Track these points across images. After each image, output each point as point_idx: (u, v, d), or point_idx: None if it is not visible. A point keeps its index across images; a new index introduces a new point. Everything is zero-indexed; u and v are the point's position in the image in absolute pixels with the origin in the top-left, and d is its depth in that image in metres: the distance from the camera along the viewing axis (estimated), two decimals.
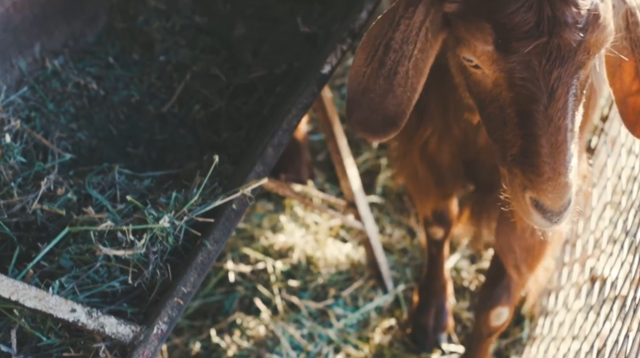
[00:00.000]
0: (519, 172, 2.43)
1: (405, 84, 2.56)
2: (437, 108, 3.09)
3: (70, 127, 3.23)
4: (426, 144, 3.23)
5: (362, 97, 2.56)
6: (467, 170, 3.30)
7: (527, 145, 2.41)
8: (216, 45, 3.55)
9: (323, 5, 3.56)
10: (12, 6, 3.17)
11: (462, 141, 3.15)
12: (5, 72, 3.17)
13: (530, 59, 2.36)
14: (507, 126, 2.45)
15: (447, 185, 3.39)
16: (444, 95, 3.01)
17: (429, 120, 3.15)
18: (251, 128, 3.29)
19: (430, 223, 3.81)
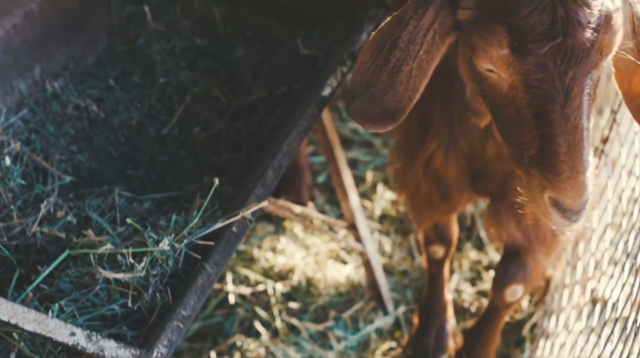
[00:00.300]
0: (537, 173, 2.45)
1: (408, 83, 2.58)
2: (442, 121, 3.12)
3: (71, 149, 3.23)
4: (431, 159, 3.25)
5: (363, 89, 2.60)
6: (474, 182, 3.31)
7: (545, 146, 2.43)
8: (216, 67, 3.55)
9: (323, 27, 3.57)
10: (12, 28, 3.17)
11: (469, 153, 3.17)
12: (6, 94, 3.17)
13: (546, 60, 2.39)
14: (523, 128, 2.48)
15: (454, 199, 3.40)
16: (449, 108, 3.04)
17: (434, 134, 3.18)
18: (251, 150, 3.29)
19: (431, 242, 3.81)
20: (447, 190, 3.36)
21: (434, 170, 3.28)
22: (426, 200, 3.44)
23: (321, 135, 3.71)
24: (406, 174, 3.43)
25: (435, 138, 3.19)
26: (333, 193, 4.53)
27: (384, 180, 4.66)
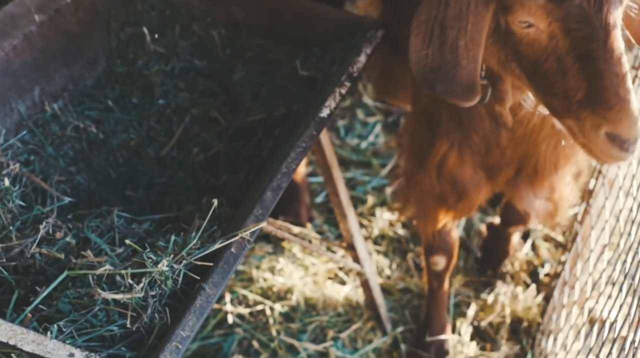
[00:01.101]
0: (589, 114, 2.53)
1: (468, 56, 2.67)
2: (451, 121, 3.23)
3: (70, 170, 3.24)
4: (444, 160, 3.34)
5: (434, 74, 2.69)
6: (491, 176, 3.44)
7: (593, 84, 2.51)
8: (215, 88, 3.57)
9: (322, 48, 3.58)
10: (11, 50, 3.19)
11: (484, 147, 3.27)
12: (5, 115, 3.18)
13: (581, 2, 2.48)
14: (567, 76, 2.56)
15: (471, 198, 3.47)
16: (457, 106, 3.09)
17: (444, 135, 3.28)
18: (250, 171, 3.30)
19: (433, 252, 3.85)
20: (463, 190, 3.43)
21: (448, 171, 3.36)
22: (440, 202, 3.51)
23: (319, 155, 3.71)
24: (416, 178, 3.50)
25: (446, 138, 3.28)
26: (331, 214, 4.54)
27: (382, 200, 4.67)
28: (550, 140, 3.26)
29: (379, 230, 4.52)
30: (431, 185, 3.45)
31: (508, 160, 3.34)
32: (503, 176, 3.43)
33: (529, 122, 3.13)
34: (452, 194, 3.44)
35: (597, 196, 3.66)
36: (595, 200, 3.67)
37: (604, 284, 3.38)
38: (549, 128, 3.18)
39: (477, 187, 3.43)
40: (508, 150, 3.27)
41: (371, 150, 4.95)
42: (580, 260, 3.74)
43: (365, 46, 3.38)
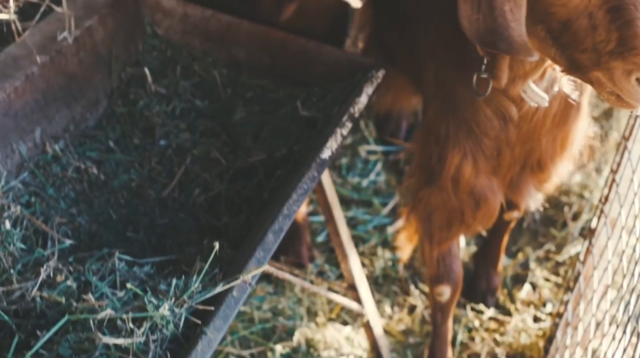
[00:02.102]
0: (620, 62, 2.66)
1: (514, 19, 2.76)
2: (460, 130, 3.35)
3: (71, 212, 3.23)
4: (459, 172, 3.43)
5: (491, 36, 2.78)
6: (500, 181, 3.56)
7: (624, 33, 2.65)
8: (216, 129, 3.57)
9: (322, 89, 3.59)
10: (13, 92, 3.19)
11: (496, 149, 3.40)
12: (6, 157, 3.18)
13: None
14: (598, 29, 2.69)
15: (490, 206, 3.59)
16: (461, 115, 3.32)
17: (455, 146, 3.39)
18: (251, 212, 3.29)
19: (438, 280, 3.84)
20: (482, 198, 3.54)
21: (465, 182, 3.46)
22: (454, 218, 3.60)
23: (320, 195, 3.71)
24: (424, 196, 3.58)
25: (457, 149, 3.39)
26: (333, 253, 4.53)
27: (384, 239, 4.66)
28: (549, 135, 3.43)
29: (381, 270, 4.51)
30: (445, 201, 3.54)
31: (516, 158, 3.48)
32: (510, 173, 3.56)
33: (533, 117, 3.29)
34: (470, 205, 3.54)
35: (600, 235, 3.64)
36: (598, 240, 3.66)
37: (607, 325, 3.37)
38: (550, 122, 3.36)
39: (494, 194, 3.55)
40: (517, 148, 3.41)
41: (372, 188, 4.94)
42: (583, 301, 3.72)
43: (366, 86, 3.39)
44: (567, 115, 3.43)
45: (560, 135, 3.49)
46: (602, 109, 5.23)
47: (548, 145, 3.48)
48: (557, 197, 4.89)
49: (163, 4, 3.74)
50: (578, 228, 4.73)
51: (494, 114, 3.30)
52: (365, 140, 5.17)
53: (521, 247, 4.72)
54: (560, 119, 3.41)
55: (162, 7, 3.74)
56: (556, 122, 3.41)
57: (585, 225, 4.74)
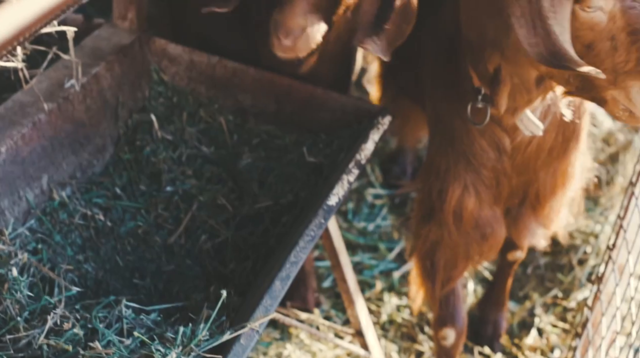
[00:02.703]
0: (637, 81, 2.77)
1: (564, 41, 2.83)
2: (459, 163, 3.43)
3: (77, 258, 3.23)
4: (461, 205, 3.49)
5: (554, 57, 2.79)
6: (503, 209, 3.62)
7: None
8: (223, 175, 3.57)
9: (329, 135, 3.59)
10: (20, 139, 3.20)
11: (494, 179, 3.46)
12: (13, 204, 3.18)
13: None
14: (618, 51, 2.79)
15: (497, 236, 3.65)
16: (459, 148, 3.40)
17: (456, 179, 3.46)
18: (258, 259, 3.29)
19: (442, 324, 3.86)
20: (487, 229, 3.58)
21: (469, 215, 3.51)
22: (460, 251, 3.64)
23: (327, 241, 3.71)
24: (424, 232, 3.63)
25: (458, 182, 3.46)
26: (339, 299, 4.51)
27: (390, 285, 4.65)
28: (548, 168, 3.49)
29: (388, 316, 4.49)
30: (446, 237, 3.59)
31: (514, 189, 3.53)
32: (509, 202, 3.61)
33: (526, 148, 3.37)
34: (476, 238, 3.59)
35: (608, 282, 3.63)
36: (606, 286, 3.65)
37: None
38: (544, 155, 3.43)
39: (499, 223, 3.61)
40: (513, 179, 3.47)
41: (378, 233, 4.94)
42: (592, 347, 3.70)
43: (372, 133, 3.39)
44: (566, 148, 3.50)
45: (560, 168, 3.55)
46: (608, 154, 5.24)
47: (547, 179, 3.54)
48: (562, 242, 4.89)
49: (169, 51, 3.76)
50: (585, 274, 4.72)
51: (489, 145, 3.38)
52: (371, 184, 5.17)
53: (528, 292, 4.70)
54: (559, 151, 3.48)
55: (168, 54, 3.76)
56: (554, 155, 3.48)
57: (593, 270, 4.73)
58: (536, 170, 3.49)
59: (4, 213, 3.13)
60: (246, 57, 3.74)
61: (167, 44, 3.75)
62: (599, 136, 5.32)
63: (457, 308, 3.84)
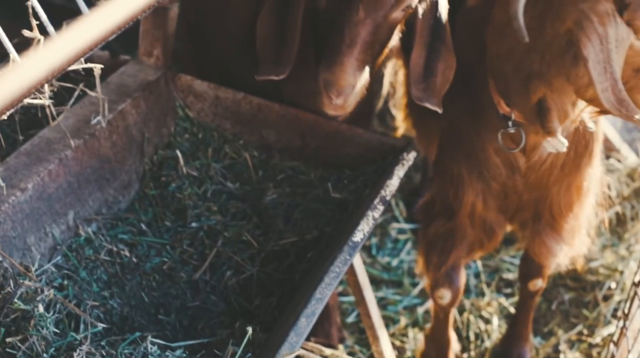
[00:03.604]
0: None
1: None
2: (472, 174, 3.56)
3: (103, 294, 3.24)
4: (474, 208, 3.65)
5: (622, 105, 2.93)
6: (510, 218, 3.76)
7: None
8: (248, 211, 3.58)
9: (353, 170, 3.60)
10: (47, 175, 3.22)
11: (503, 193, 3.59)
12: (39, 240, 3.19)
13: None
14: None
15: (497, 236, 3.80)
16: (474, 162, 3.52)
17: (469, 186, 3.59)
18: (283, 295, 3.29)
19: (438, 286, 3.99)
20: (491, 230, 3.74)
21: (479, 216, 3.67)
22: (473, 245, 3.82)
23: (351, 276, 3.71)
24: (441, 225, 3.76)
25: (472, 190, 3.59)
26: (363, 334, 4.50)
27: (415, 320, 4.63)
28: (561, 184, 3.58)
29: (412, 352, 4.47)
30: (463, 233, 3.74)
31: (525, 204, 3.65)
32: (519, 217, 3.74)
33: (540, 167, 3.47)
34: (483, 235, 3.76)
35: (634, 318, 3.61)
36: (632, 322, 3.62)
37: None
38: (557, 172, 3.52)
39: (501, 227, 3.76)
40: (524, 195, 3.59)
41: (402, 268, 4.93)
42: None
43: (397, 169, 3.40)
44: (579, 164, 3.57)
45: (574, 183, 3.62)
46: (632, 189, 5.22)
47: (561, 194, 3.62)
48: (586, 277, 4.87)
49: (195, 87, 3.78)
50: (610, 310, 4.69)
51: (503, 164, 3.49)
52: (395, 219, 5.17)
53: (552, 328, 4.68)
54: (571, 167, 3.55)
55: (194, 91, 3.78)
56: (567, 171, 3.55)
57: (618, 306, 4.70)
58: (549, 187, 3.58)
59: (30, 250, 3.15)
60: (267, 91, 3.76)
61: (193, 80, 3.78)
62: (624, 171, 5.31)
63: (455, 276, 3.98)
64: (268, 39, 3.38)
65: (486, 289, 4.83)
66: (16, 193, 3.10)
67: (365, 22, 3.13)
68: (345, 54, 3.10)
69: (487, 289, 4.84)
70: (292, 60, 3.33)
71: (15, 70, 1.24)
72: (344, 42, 3.10)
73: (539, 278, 4.17)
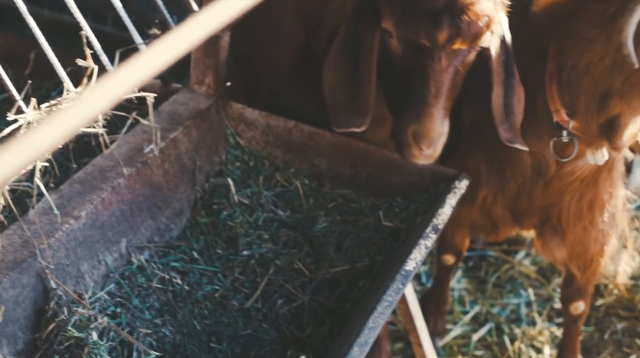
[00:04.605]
0: None
1: None
2: (491, 171, 3.66)
3: (155, 322, 3.24)
4: (484, 201, 3.79)
5: None
6: (518, 219, 3.87)
7: None
8: (299, 239, 3.58)
9: (405, 199, 3.59)
10: (100, 203, 3.24)
11: (516, 193, 3.67)
12: (93, 268, 3.21)
13: None
14: None
15: (500, 230, 3.97)
16: (498, 158, 3.60)
17: (485, 183, 3.71)
18: (334, 324, 3.28)
19: (445, 251, 4.28)
20: (495, 224, 3.89)
21: (486, 209, 3.82)
22: (480, 231, 4.10)
23: (402, 304, 3.69)
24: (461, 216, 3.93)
25: (486, 187, 3.71)
26: None
27: (466, 348, 4.60)
28: (575, 193, 3.63)
29: None
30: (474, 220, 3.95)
31: (535, 209, 3.74)
32: (528, 222, 3.85)
33: (567, 178, 3.55)
34: (489, 225, 3.92)
35: None
36: None
37: None
38: (577, 183, 3.57)
39: (505, 224, 3.89)
40: (537, 201, 3.68)
41: (453, 296, 4.90)
42: None
43: (449, 197, 3.39)
44: (598, 177, 3.61)
45: (587, 195, 3.65)
46: None
47: (572, 203, 3.66)
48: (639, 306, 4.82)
49: (246, 115, 3.79)
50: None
51: (532, 166, 3.54)
52: None
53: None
54: (590, 179, 3.58)
55: (245, 119, 3.80)
56: (585, 183, 3.59)
57: None
58: (562, 194, 3.63)
59: (83, 277, 3.16)
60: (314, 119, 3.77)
61: (244, 108, 3.80)
62: None
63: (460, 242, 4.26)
64: (339, 88, 3.38)
65: (538, 318, 4.80)
66: (70, 221, 3.12)
67: (448, 70, 3.14)
68: (432, 105, 3.13)
69: (539, 318, 4.80)
70: (370, 110, 3.34)
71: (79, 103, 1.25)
72: (429, 93, 3.13)
73: (580, 301, 4.17)
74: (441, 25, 3.09)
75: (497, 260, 5.12)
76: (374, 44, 3.29)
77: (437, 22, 3.10)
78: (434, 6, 3.11)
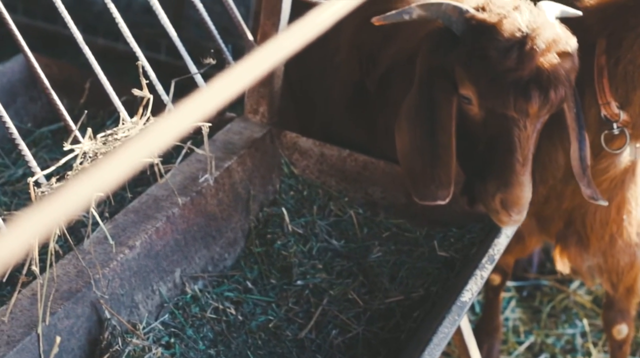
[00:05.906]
0: None
1: None
2: None
3: (209, 353, 3.23)
4: None
5: None
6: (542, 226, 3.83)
7: None
8: (353, 269, 3.56)
9: (460, 229, 3.56)
10: (154, 233, 3.24)
11: (544, 197, 3.64)
12: (147, 298, 3.21)
13: None
14: None
15: (525, 243, 3.96)
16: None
17: None
18: (389, 354, 3.25)
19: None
20: (520, 235, 3.83)
21: None
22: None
23: (457, 335, 3.66)
24: None
25: None
26: None
27: None
28: (603, 195, 3.43)
29: None
30: None
31: (561, 212, 3.69)
32: (554, 227, 3.78)
33: (600, 176, 3.48)
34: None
35: None
36: None
37: None
38: (607, 183, 3.51)
39: (530, 235, 3.86)
40: (565, 203, 3.64)
41: (507, 326, 4.85)
42: None
43: (505, 228, 3.35)
44: (623, 179, 3.56)
45: (615, 199, 3.58)
46: None
47: (598, 208, 3.58)
48: None
49: (300, 144, 3.79)
50: None
51: (565, 165, 3.47)
52: None
53: None
54: (618, 181, 3.55)
55: (299, 148, 3.79)
56: (612, 185, 3.55)
57: None
58: None
59: (137, 307, 3.17)
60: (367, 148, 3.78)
61: (298, 137, 3.79)
62: None
63: (504, 262, 4.26)
64: (414, 153, 3.28)
65: (593, 349, 4.73)
66: (124, 251, 3.13)
67: (533, 135, 3.11)
68: (520, 173, 3.09)
69: (594, 349, 4.74)
70: (453, 180, 3.25)
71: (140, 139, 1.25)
72: (517, 162, 3.08)
73: (623, 324, 4.10)
74: (531, 98, 3.03)
75: (551, 289, 5.07)
76: (451, 111, 3.19)
77: (527, 95, 3.03)
78: (521, 77, 3.03)
